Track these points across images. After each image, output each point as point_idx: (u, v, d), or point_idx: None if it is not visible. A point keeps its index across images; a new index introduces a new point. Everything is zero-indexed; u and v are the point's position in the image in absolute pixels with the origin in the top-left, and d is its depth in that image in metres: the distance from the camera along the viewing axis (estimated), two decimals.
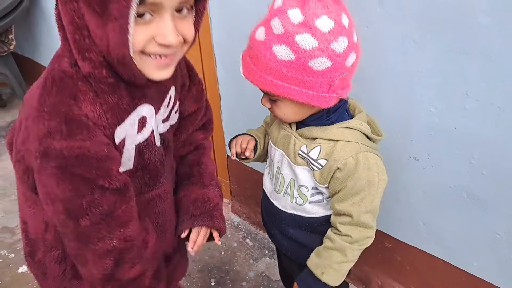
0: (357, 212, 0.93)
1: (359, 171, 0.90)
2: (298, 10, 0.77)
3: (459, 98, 1.05)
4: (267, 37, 0.80)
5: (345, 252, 0.95)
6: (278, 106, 0.91)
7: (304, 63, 0.78)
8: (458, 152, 1.11)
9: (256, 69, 0.84)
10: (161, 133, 0.84)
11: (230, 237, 1.87)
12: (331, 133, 0.92)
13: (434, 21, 0.99)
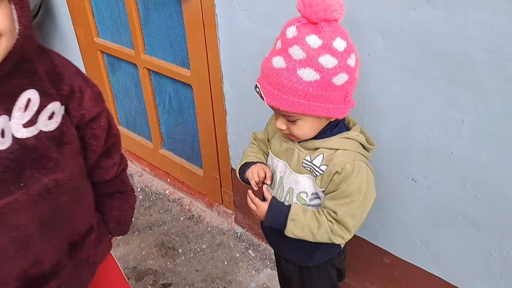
0: (342, 212, 1.00)
1: (353, 177, 0.98)
2: (315, 36, 0.87)
3: (455, 126, 1.10)
4: (289, 63, 0.89)
5: (320, 227, 1.02)
6: (298, 125, 0.97)
7: (328, 80, 0.89)
8: (454, 175, 1.17)
9: (281, 94, 0.90)
10: (21, 137, 0.78)
11: (233, 248, 1.92)
12: (332, 143, 1.01)
13: (433, 53, 1.05)
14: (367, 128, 1.26)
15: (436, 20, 1.01)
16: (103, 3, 2.07)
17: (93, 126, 0.93)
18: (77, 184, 0.92)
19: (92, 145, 0.95)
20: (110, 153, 0.99)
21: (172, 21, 1.76)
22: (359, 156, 1.01)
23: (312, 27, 0.88)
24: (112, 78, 2.33)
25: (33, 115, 0.79)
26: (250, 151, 1.23)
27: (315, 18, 0.87)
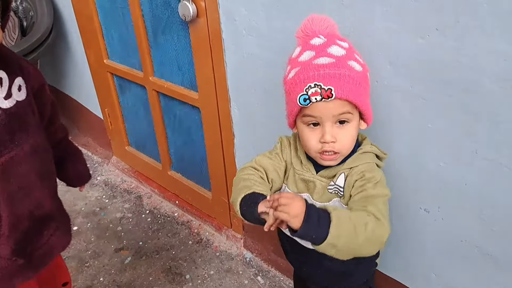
0: (375, 193, 0.94)
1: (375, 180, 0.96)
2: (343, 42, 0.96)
3: (468, 155, 1.05)
4: (337, 59, 0.91)
5: (367, 224, 0.86)
6: (347, 130, 0.94)
7: (366, 73, 0.95)
8: (468, 206, 1.11)
9: (345, 87, 0.88)
10: (6, 108, 0.97)
11: (242, 274, 1.88)
12: (349, 162, 1.00)
13: (443, 81, 1.01)
14: None
15: (445, 48, 0.97)
16: (113, 26, 2.08)
17: (41, 95, 1.10)
18: (47, 147, 1.11)
19: (42, 113, 1.11)
20: (53, 119, 1.19)
21: (180, 44, 1.75)
22: (375, 166, 1.01)
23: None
24: (122, 100, 2.33)
25: (7, 89, 0.98)
26: (253, 179, 1.01)
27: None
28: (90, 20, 2.12)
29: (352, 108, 0.92)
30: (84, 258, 2.02)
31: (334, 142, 0.93)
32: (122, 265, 1.97)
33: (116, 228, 2.20)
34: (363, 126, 0.99)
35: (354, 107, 0.92)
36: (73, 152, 1.31)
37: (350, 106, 0.91)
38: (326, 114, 0.91)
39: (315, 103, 0.89)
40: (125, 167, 2.60)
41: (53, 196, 1.14)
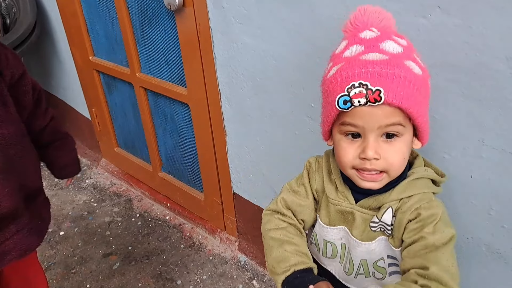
0: (436, 261, 0.74)
1: (435, 221, 0.77)
2: (399, 38, 0.78)
3: (474, 146, 0.97)
4: (391, 56, 0.73)
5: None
6: (397, 145, 0.75)
7: (426, 79, 0.77)
8: (475, 202, 1.03)
9: (399, 90, 0.70)
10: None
11: (236, 278, 1.79)
12: (397, 192, 0.81)
13: (447, 65, 0.93)
14: None
15: (449, 28, 0.90)
16: (98, 21, 1.99)
17: (22, 83, 1.07)
18: (21, 141, 1.06)
19: (24, 101, 1.10)
20: (38, 104, 1.16)
21: (167, 37, 1.67)
22: (432, 196, 0.83)
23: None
24: (110, 99, 2.24)
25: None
26: (287, 239, 0.86)
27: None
28: (74, 15, 2.03)
29: (405, 119, 0.73)
30: (70, 264, 1.93)
31: (377, 160, 0.75)
32: (110, 271, 1.87)
33: (104, 233, 2.10)
34: (417, 145, 0.81)
35: (407, 118, 0.73)
36: (60, 138, 1.26)
37: (403, 116, 0.72)
38: (371, 122, 0.72)
39: (358, 107, 0.71)
40: (115, 170, 2.51)
41: (15, 195, 1.03)
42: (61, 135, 1.26)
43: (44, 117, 1.19)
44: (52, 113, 1.23)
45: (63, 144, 1.26)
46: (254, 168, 1.63)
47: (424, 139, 0.80)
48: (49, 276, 1.86)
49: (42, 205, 1.17)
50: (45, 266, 1.92)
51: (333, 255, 0.93)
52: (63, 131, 1.27)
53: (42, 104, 1.18)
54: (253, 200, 1.72)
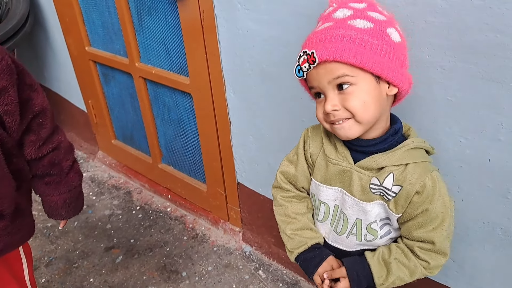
0: (440, 238, 0.86)
1: (437, 192, 0.84)
2: (357, 3, 0.84)
3: (492, 129, 0.96)
4: (337, 21, 0.81)
5: (414, 274, 0.90)
6: (353, 94, 0.79)
7: (383, 29, 0.80)
8: (492, 185, 1.02)
9: (333, 44, 0.77)
10: None
11: (242, 269, 1.77)
12: (399, 158, 0.85)
13: (465, 47, 0.91)
14: None
15: (468, 8, 0.88)
16: (94, 10, 1.94)
17: (3, 102, 0.89)
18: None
19: (7, 122, 0.91)
20: (38, 129, 0.99)
21: (168, 25, 1.63)
22: (430, 165, 0.87)
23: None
24: (107, 90, 2.20)
25: None
26: (295, 217, 1.01)
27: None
28: (69, 4, 1.98)
29: (353, 70, 0.78)
30: (72, 259, 1.89)
31: (337, 111, 0.81)
32: (113, 265, 1.85)
33: (105, 226, 2.07)
34: (392, 91, 0.83)
35: (357, 68, 0.78)
36: (56, 173, 1.06)
37: (349, 68, 0.78)
38: (320, 81, 0.81)
39: (309, 72, 0.81)
40: (112, 162, 2.47)
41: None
42: (59, 170, 1.06)
43: (42, 146, 1.01)
44: (58, 142, 1.05)
45: (57, 182, 1.07)
46: (260, 157, 1.61)
47: (399, 83, 0.82)
48: (50, 271, 1.83)
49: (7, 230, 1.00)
50: (45, 261, 1.88)
51: (324, 217, 0.99)
52: (65, 166, 1.07)
53: (43, 130, 1.00)
54: (258, 189, 1.70)
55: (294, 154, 1.02)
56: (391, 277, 0.89)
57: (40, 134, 1.00)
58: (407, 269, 0.89)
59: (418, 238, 0.88)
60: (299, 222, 1.01)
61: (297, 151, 1.01)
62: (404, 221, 0.89)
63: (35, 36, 2.35)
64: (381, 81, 0.81)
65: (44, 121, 1.00)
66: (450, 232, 0.88)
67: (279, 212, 1.04)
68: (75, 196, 1.13)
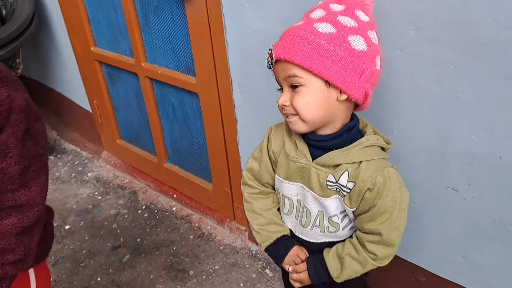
0: (387, 230, 0.91)
1: (386, 189, 0.88)
2: (338, 4, 0.87)
3: (503, 126, 0.96)
4: (306, 21, 0.84)
5: (365, 266, 0.97)
6: (300, 94, 0.84)
7: (344, 37, 0.81)
8: (503, 183, 1.03)
9: (291, 44, 0.82)
10: None
11: (249, 268, 1.78)
12: (353, 156, 0.89)
13: (476, 44, 0.91)
14: (398, 133, 1.13)
15: (479, 5, 0.88)
16: (99, 10, 1.94)
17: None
18: None
19: None
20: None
21: (174, 24, 1.63)
22: (384, 162, 0.91)
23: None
24: (112, 90, 2.20)
25: None
26: (260, 213, 1.07)
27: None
28: (75, 5, 1.98)
29: (303, 72, 0.81)
30: (79, 258, 1.90)
31: (286, 106, 0.86)
32: (120, 264, 1.85)
33: (111, 226, 2.07)
34: (342, 97, 0.85)
35: (306, 71, 0.81)
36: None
37: (299, 69, 0.81)
38: (279, 76, 0.87)
39: (273, 66, 0.87)
40: (117, 162, 2.47)
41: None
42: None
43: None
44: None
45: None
46: None
47: (345, 90, 0.83)
48: (57, 271, 1.83)
49: None
50: (52, 261, 1.89)
51: (289, 211, 1.05)
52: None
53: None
54: None
55: (258, 151, 1.06)
56: (345, 271, 0.98)
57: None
58: (358, 262, 0.97)
59: (368, 230, 0.93)
60: (265, 218, 1.07)
61: (261, 149, 1.05)
62: (357, 214, 0.95)
63: (40, 37, 2.35)
64: (332, 86, 0.83)
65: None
66: (399, 224, 0.92)
67: (247, 208, 1.10)
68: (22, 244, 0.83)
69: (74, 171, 2.49)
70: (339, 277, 0.99)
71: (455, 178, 1.10)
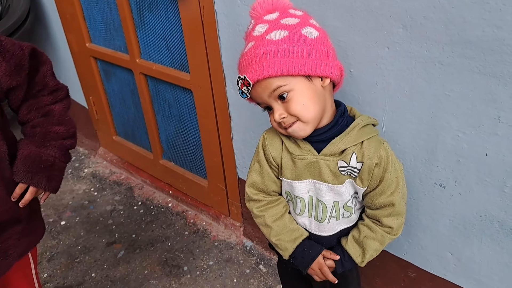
0: (398, 199, 0.97)
1: (390, 161, 0.95)
2: (270, 14, 0.91)
3: (490, 123, 0.97)
4: (256, 39, 0.87)
5: (384, 242, 1.02)
6: (292, 99, 0.87)
7: (298, 32, 0.86)
8: (489, 179, 1.04)
9: (259, 64, 0.84)
10: None
11: (243, 263, 1.79)
12: (355, 138, 0.94)
13: (463, 42, 0.92)
14: (388, 129, 1.15)
15: (466, 4, 0.89)
16: (94, 7, 1.95)
17: (11, 93, 0.98)
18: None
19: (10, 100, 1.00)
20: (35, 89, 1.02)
21: (168, 21, 1.64)
22: (380, 138, 0.97)
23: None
24: (107, 86, 2.21)
25: None
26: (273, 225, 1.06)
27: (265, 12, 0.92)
28: (70, 1, 1.98)
29: (284, 79, 0.85)
30: (74, 254, 1.91)
31: (285, 118, 0.89)
32: (115, 260, 1.86)
33: (106, 222, 2.09)
34: (325, 82, 0.90)
35: (286, 76, 0.85)
36: (35, 134, 1.02)
37: (279, 79, 0.85)
38: (262, 97, 0.88)
39: (251, 92, 0.88)
40: (114, 158, 2.48)
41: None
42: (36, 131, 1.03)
43: (34, 112, 1.04)
44: (45, 110, 1.05)
45: (29, 140, 1.02)
46: None
47: (326, 75, 0.88)
48: (52, 266, 1.85)
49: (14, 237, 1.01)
50: (47, 256, 1.90)
51: (302, 211, 1.05)
52: (46, 127, 1.05)
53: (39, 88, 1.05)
54: None
55: (255, 163, 1.06)
56: (367, 253, 1.02)
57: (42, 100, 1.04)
58: (377, 241, 1.02)
59: (380, 204, 0.98)
60: (279, 227, 1.07)
61: (259, 160, 1.05)
62: (367, 192, 0.99)
63: (35, 33, 2.36)
64: (313, 78, 0.88)
65: (46, 91, 1.06)
66: (404, 193, 0.99)
67: (259, 223, 1.09)
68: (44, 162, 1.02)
69: (70, 167, 2.50)
70: (363, 261, 1.03)
71: (442, 175, 1.11)
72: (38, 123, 1.02)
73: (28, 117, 1.02)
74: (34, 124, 1.02)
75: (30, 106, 1.02)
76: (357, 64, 1.12)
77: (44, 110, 1.03)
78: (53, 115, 1.04)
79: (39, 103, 1.03)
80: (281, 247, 1.07)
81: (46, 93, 1.04)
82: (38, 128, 1.02)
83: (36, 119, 1.03)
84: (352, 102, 1.17)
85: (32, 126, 1.02)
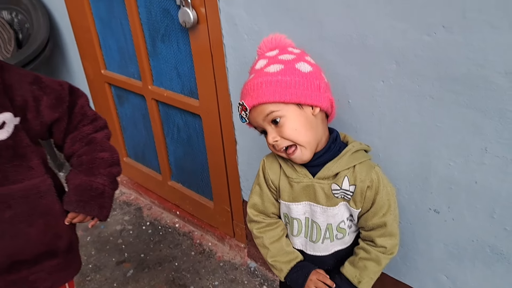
0: (390, 221, 1.03)
1: (381, 184, 1.01)
2: (271, 51, 1.02)
3: (478, 153, 1.04)
4: (256, 72, 0.98)
5: (380, 262, 1.06)
6: (285, 125, 0.95)
7: (292, 66, 0.95)
8: (479, 206, 1.10)
9: (256, 92, 0.94)
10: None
11: (247, 284, 1.84)
12: (347, 162, 1.01)
13: (451, 79, 1.00)
14: (384, 156, 1.21)
15: (452, 45, 0.97)
16: (110, 36, 2.06)
17: (54, 127, 1.03)
18: (30, 202, 0.95)
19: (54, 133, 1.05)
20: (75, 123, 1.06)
21: (180, 52, 1.74)
22: (371, 162, 1.04)
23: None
24: (120, 110, 2.31)
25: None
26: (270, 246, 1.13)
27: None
28: (87, 30, 2.10)
29: (277, 105, 0.94)
30: (85, 272, 1.98)
31: (277, 141, 0.97)
32: (124, 278, 1.93)
33: (116, 241, 2.16)
34: (316, 111, 0.98)
35: (279, 103, 0.94)
36: (83, 163, 1.06)
37: (272, 105, 0.94)
38: (258, 121, 0.97)
39: (248, 117, 0.98)
40: (124, 179, 2.56)
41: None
42: (86, 161, 1.06)
43: (78, 142, 1.08)
44: (89, 139, 1.08)
45: (80, 171, 1.06)
46: None
47: (315, 104, 0.97)
48: None
49: (47, 270, 1.03)
50: None
51: (298, 232, 1.12)
52: (93, 156, 1.07)
53: (80, 120, 1.09)
54: None
55: (256, 185, 1.14)
56: (364, 273, 1.07)
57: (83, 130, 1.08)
58: (372, 261, 1.06)
59: (373, 225, 1.04)
60: (275, 249, 1.14)
61: (259, 182, 1.13)
62: (361, 214, 1.05)
63: (53, 59, 2.48)
64: (304, 106, 0.96)
65: (79, 114, 1.09)
66: (396, 215, 1.05)
67: (258, 243, 1.16)
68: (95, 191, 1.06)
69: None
70: (360, 281, 1.07)
71: (436, 201, 1.17)
72: (83, 152, 1.06)
73: (73, 148, 1.06)
74: (80, 154, 1.06)
75: (74, 138, 1.06)
76: (354, 96, 1.20)
77: (87, 139, 1.06)
78: (95, 142, 1.07)
79: (82, 133, 1.06)
80: (277, 268, 1.13)
81: (87, 123, 1.08)
82: (84, 156, 1.05)
83: (81, 149, 1.06)
84: (350, 130, 1.24)
85: (78, 156, 1.06)
